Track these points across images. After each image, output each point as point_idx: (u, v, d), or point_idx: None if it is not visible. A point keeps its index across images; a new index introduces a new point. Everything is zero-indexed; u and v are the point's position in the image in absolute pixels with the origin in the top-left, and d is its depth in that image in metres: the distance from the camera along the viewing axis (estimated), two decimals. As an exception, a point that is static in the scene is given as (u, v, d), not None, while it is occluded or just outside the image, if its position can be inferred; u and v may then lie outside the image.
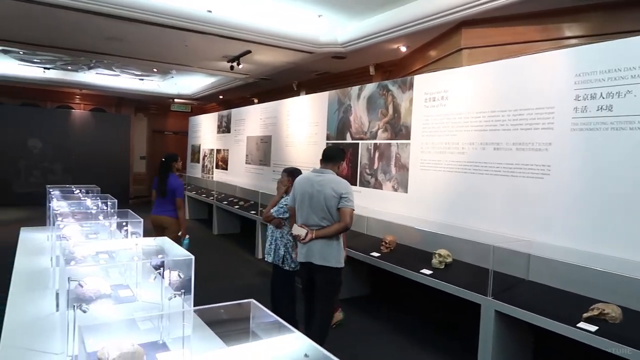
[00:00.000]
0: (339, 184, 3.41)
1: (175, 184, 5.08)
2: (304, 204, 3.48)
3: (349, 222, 3.36)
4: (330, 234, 3.40)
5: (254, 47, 7.21)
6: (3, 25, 6.57)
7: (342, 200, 3.35)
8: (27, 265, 3.04)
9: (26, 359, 1.74)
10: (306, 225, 3.46)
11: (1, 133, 12.04)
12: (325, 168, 3.54)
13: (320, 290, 3.50)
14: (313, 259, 3.43)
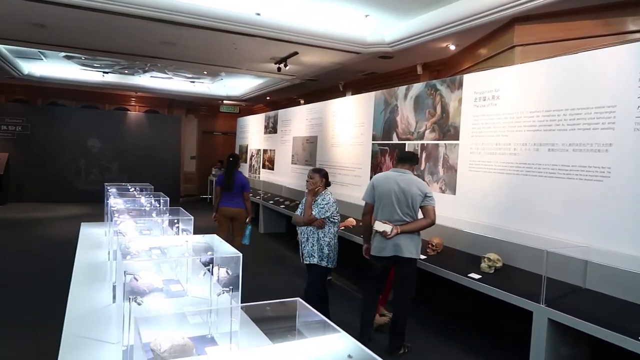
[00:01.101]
0: (422, 184, 3.83)
1: (243, 180, 5.97)
2: (388, 200, 3.77)
3: (434, 218, 3.75)
4: (416, 229, 3.77)
5: (301, 48, 7.28)
6: (67, 33, 6.98)
7: (427, 199, 3.74)
8: (87, 259, 3.22)
9: (86, 346, 1.84)
10: (389, 221, 3.73)
11: (64, 133, 12.83)
12: (402, 168, 3.88)
13: (406, 279, 3.87)
14: (400, 252, 3.74)
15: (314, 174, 4.14)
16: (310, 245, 4.04)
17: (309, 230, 4.07)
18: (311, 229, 4.05)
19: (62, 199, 12.27)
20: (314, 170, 4.20)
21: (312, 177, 4.12)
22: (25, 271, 6.01)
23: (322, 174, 4.18)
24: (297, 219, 4.21)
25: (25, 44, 8.15)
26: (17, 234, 8.35)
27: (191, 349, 1.55)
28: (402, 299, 3.91)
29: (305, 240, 4.08)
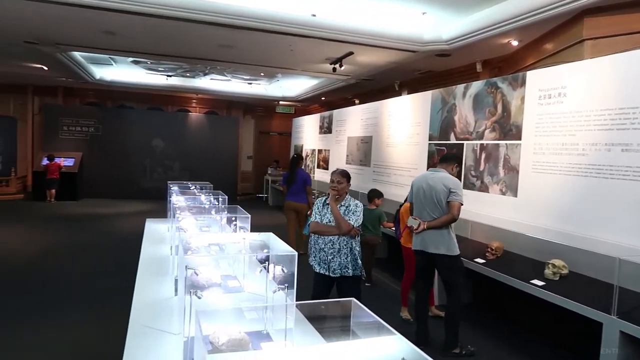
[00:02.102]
0: (448, 179, 3.81)
1: (305, 175, 6.89)
2: (418, 198, 3.94)
3: (456, 214, 3.74)
4: (439, 225, 3.78)
5: (356, 48, 7.26)
6: (134, 39, 7.39)
7: (451, 195, 3.74)
8: (151, 253, 3.39)
9: (150, 336, 1.94)
10: (419, 217, 3.88)
11: (131, 134, 13.60)
12: (440, 168, 3.95)
13: (442, 277, 3.97)
14: (426, 248, 3.85)
15: (342, 178, 3.65)
16: (344, 257, 3.59)
17: (342, 240, 3.58)
18: (345, 239, 3.58)
19: (129, 196, 13.01)
20: (342, 174, 3.68)
21: (339, 181, 3.62)
22: (96, 262, 6.44)
23: (348, 177, 3.74)
24: (327, 229, 3.58)
25: (97, 51, 8.72)
26: (88, 228, 8.95)
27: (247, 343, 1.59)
28: (448, 298, 3.91)
29: (336, 251, 3.57)
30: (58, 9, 5.76)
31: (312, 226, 3.69)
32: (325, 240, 3.58)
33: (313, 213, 3.72)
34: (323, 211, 3.67)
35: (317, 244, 3.63)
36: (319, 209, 3.70)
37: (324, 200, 3.71)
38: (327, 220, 3.60)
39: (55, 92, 13.74)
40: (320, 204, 3.72)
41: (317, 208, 3.71)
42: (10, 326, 4.10)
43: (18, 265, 6.10)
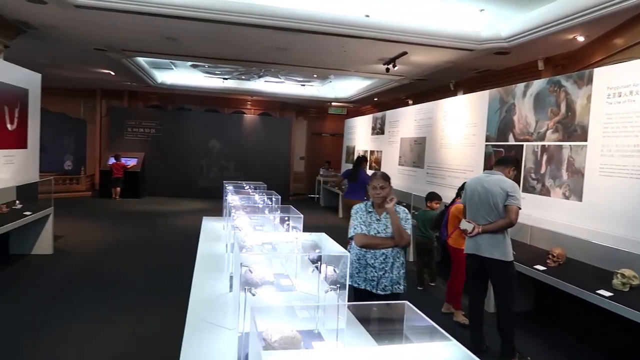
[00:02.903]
0: (506, 182, 3.65)
1: (364, 175, 7.13)
2: (472, 200, 3.80)
3: (514, 218, 3.57)
4: (495, 229, 3.63)
5: (410, 48, 7.15)
6: (194, 44, 7.70)
7: (509, 198, 3.58)
8: (207, 249, 3.51)
9: (206, 330, 2.01)
10: (473, 220, 3.75)
11: (189, 135, 14.15)
12: (496, 170, 3.81)
13: (494, 283, 3.81)
14: (480, 252, 3.70)
15: (385, 182, 3.19)
16: (397, 271, 3.15)
17: (395, 253, 3.14)
18: (398, 250, 3.16)
19: (187, 195, 13.55)
20: (383, 177, 3.22)
21: (383, 185, 3.16)
22: (157, 257, 6.76)
23: (390, 180, 3.31)
24: (381, 241, 3.11)
25: (159, 56, 9.16)
26: (150, 224, 9.41)
27: (299, 341, 1.61)
28: (499, 306, 3.78)
29: (389, 266, 3.12)
30: (125, 18, 6.10)
31: (359, 240, 3.12)
32: (376, 255, 3.11)
33: (354, 223, 3.18)
34: (368, 220, 3.18)
35: (363, 260, 3.12)
36: (361, 218, 3.18)
37: (367, 207, 3.23)
38: (375, 231, 3.13)
39: (121, 96, 14.58)
40: (362, 211, 3.21)
41: (360, 217, 3.18)
42: (79, 314, 4.39)
43: (88, 258, 6.52)
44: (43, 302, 4.71)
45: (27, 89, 6.86)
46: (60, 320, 4.22)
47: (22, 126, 6.72)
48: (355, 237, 3.15)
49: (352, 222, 3.22)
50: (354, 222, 3.20)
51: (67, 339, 3.86)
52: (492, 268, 3.69)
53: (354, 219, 3.21)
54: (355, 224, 3.19)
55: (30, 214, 5.95)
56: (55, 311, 4.45)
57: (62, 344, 3.76)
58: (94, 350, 3.67)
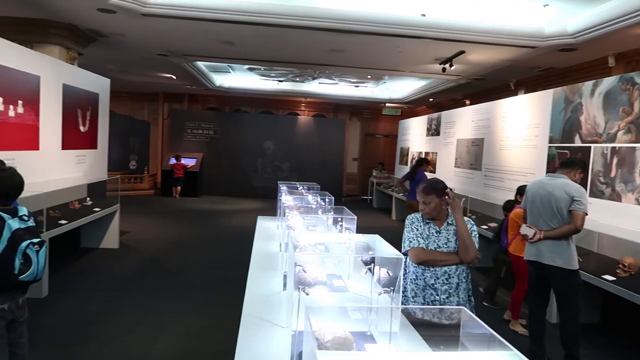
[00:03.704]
0: (571, 186, 3.46)
1: (422, 176, 7.21)
2: (534, 204, 3.63)
3: (580, 224, 3.38)
4: (559, 236, 3.46)
5: (468, 46, 6.95)
6: (250, 48, 7.89)
7: (574, 203, 3.40)
8: (262, 248, 3.58)
9: (260, 327, 2.05)
10: (535, 225, 3.58)
11: (245, 137, 14.53)
12: (560, 173, 3.63)
13: (556, 292, 3.62)
14: (541, 259, 3.54)
15: (428, 195, 2.66)
16: (463, 294, 2.66)
17: (460, 271, 2.65)
18: (464, 268, 2.66)
19: (242, 194, 13.92)
20: (428, 189, 2.67)
21: (425, 201, 2.67)
22: (214, 254, 7.00)
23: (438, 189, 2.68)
24: (444, 257, 2.61)
25: (218, 60, 9.47)
26: (208, 222, 9.75)
27: (351, 343, 1.61)
28: (563, 317, 3.57)
29: (454, 288, 2.62)
30: (187, 24, 6.37)
31: (416, 255, 2.60)
32: (438, 274, 2.60)
33: (409, 236, 2.67)
34: (427, 232, 2.67)
35: (421, 279, 2.62)
36: (418, 230, 2.67)
37: (424, 217, 2.72)
38: (435, 245, 2.63)
39: (181, 99, 15.23)
40: (418, 222, 2.71)
41: (416, 228, 2.68)
42: (143, 306, 4.63)
43: (150, 253, 6.86)
44: (110, 293, 5.01)
45: (98, 93, 7.34)
46: (126, 312, 4.48)
47: (93, 128, 7.19)
48: (411, 252, 2.63)
49: (407, 235, 2.69)
50: (409, 234, 2.68)
51: (133, 329, 4.09)
52: (555, 276, 3.52)
53: (408, 230, 2.70)
54: (410, 236, 2.67)
55: (99, 210, 6.35)
56: (121, 303, 4.72)
57: (128, 335, 3.98)
58: (158, 342, 3.85)
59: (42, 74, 5.60)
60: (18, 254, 2.44)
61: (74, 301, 4.70)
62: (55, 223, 5.17)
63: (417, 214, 2.78)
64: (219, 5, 5.91)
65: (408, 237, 2.68)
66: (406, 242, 2.68)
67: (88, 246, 6.86)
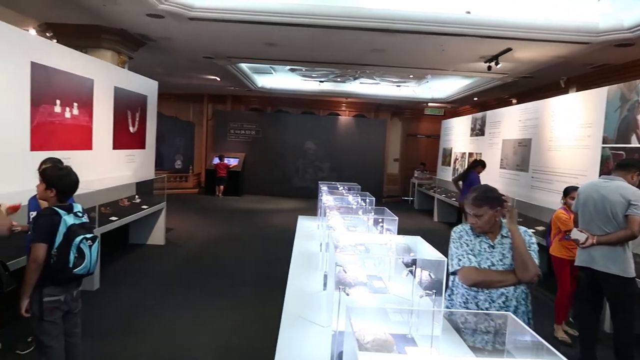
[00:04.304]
0: (628, 190, 3.30)
1: (472, 177, 7.43)
2: (586, 208, 3.49)
3: (637, 230, 3.21)
4: (614, 241, 3.30)
5: (515, 43, 6.72)
6: (292, 49, 7.97)
7: (632, 207, 3.24)
8: (302, 247, 3.61)
9: (300, 325, 2.06)
10: (587, 230, 3.44)
11: (286, 137, 14.69)
12: (616, 176, 3.47)
13: (609, 300, 3.48)
14: (594, 265, 3.39)
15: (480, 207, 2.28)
16: (523, 315, 2.31)
17: (519, 293, 2.28)
18: (523, 289, 2.30)
19: (283, 194, 14.08)
20: (478, 199, 2.30)
21: (477, 214, 2.29)
22: (255, 252, 7.11)
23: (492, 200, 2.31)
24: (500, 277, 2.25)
25: (261, 61, 9.62)
26: (249, 221, 9.92)
27: (392, 345, 1.59)
28: (617, 327, 3.41)
29: (512, 311, 2.25)
30: (231, 27, 6.52)
31: (469, 276, 2.25)
32: (494, 296, 2.25)
33: (457, 252, 2.32)
34: (478, 247, 2.32)
35: (473, 303, 2.29)
36: (468, 245, 2.33)
37: (473, 229, 2.35)
38: (488, 262, 2.27)
39: (225, 100, 15.58)
40: (468, 235, 2.36)
41: (465, 243, 2.33)
42: (188, 300, 4.78)
43: (195, 249, 7.07)
44: (156, 288, 5.19)
45: (146, 95, 7.63)
46: (172, 306, 4.63)
47: (141, 129, 7.48)
48: (462, 271, 2.27)
49: (455, 251, 2.34)
50: (457, 250, 2.33)
51: (177, 323, 4.22)
52: (608, 284, 3.34)
53: (457, 245, 2.35)
54: (459, 253, 2.31)
55: (146, 207, 6.60)
56: (166, 297, 4.89)
57: (173, 328, 4.11)
58: (200, 336, 3.96)
59: (96, 77, 5.88)
60: (72, 249, 2.57)
61: (123, 294, 4.91)
62: (107, 219, 5.41)
63: (465, 225, 2.42)
64: (264, 8, 6.01)
65: (456, 253, 2.32)
66: (454, 259, 2.32)
67: (136, 242, 7.14)
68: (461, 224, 2.47)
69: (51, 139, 4.93)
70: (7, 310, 2.60)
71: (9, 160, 4.22)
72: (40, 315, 2.62)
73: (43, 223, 2.58)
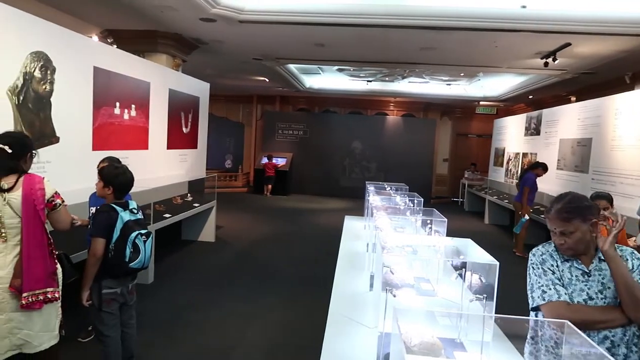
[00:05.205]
0: None
1: (526, 177, 7.30)
2: None
3: None
4: None
5: (575, 38, 6.38)
6: (341, 49, 7.97)
7: None
8: (348, 247, 3.60)
9: (347, 325, 2.06)
10: None
11: (333, 137, 14.72)
12: None
13: None
14: None
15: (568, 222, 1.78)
16: None
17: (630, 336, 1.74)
18: (634, 331, 1.74)
19: (330, 193, 14.12)
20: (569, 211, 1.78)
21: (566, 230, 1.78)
22: (302, 251, 7.18)
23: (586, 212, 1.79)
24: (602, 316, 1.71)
25: (309, 62, 9.70)
26: (296, 220, 10.02)
27: (440, 349, 1.56)
28: None
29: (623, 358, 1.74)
30: (281, 29, 6.62)
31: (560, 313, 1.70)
32: (594, 341, 1.70)
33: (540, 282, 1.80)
34: (568, 275, 1.81)
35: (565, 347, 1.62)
36: (554, 272, 1.81)
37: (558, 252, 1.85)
38: (584, 295, 1.76)
39: (273, 101, 15.83)
40: (553, 259, 1.85)
41: (550, 270, 1.82)
42: (237, 297, 4.89)
43: (244, 247, 7.23)
44: (207, 283, 5.35)
45: (199, 97, 7.88)
46: (220, 301, 4.76)
47: (194, 129, 7.74)
48: (548, 308, 1.75)
49: (537, 280, 1.83)
50: (539, 279, 1.81)
51: (225, 318, 4.33)
52: None
53: (538, 273, 1.83)
54: (542, 282, 1.80)
55: (198, 205, 6.82)
56: (216, 293, 5.03)
57: (221, 323, 4.23)
58: (248, 332, 4.05)
59: (152, 80, 6.15)
60: (128, 244, 2.70)
61: (175, 289, 5.09)
62: (160, 216, 5.64)
63: (549, 246, 1.90)
64: (313, 9, 6.04)
65: (539, 284, 1.80)
66: (536, 291, 1.81)
67: (188, 239, 7.39)
68: (542, 245, 1.93)
69: (111, 139, 5.20)
70: (69, 301, 2.76)
71: (74, 159, 4.49)
72: (99, 306, 2.78)
73: (101, 219, 2.73)
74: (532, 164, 7.79)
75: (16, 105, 3.71)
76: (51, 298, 2.42)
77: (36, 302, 2.35)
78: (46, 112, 4.10)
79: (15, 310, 2.33)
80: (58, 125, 4.24)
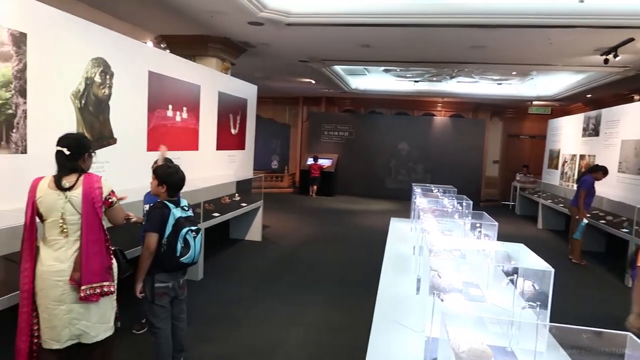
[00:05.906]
0: None
1: (582, 179, 7.06)
2: None
3: None
4: None
5: (639, 33, 6.00)
6: (387, 49, 7.90)
7: None
8: (394, 250, 3.56)
9: (392, 328, 2.04)
10: None
11: (379, 138, 14.60)
12: None
13: None
14: None
15: None
16: None
17: None
18: None
19: (375, 195, 14.02)
20: None
21: None
22: (347, 252, 7.17)
23: None
24: None
25: (355, 63, 9.69)
26: (342, 221, 10.02)
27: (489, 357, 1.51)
28: None
29: None
30: (327, 31, 6.66)
31: None
32: None
33: None
34: None
35: None
36: None
37: None
38: None
39: (319, 102, 15.92)
40: None
41: None
42: (283, 295, 4.95)
43: (289, 247, 7.31)
44: (254, 281, 5.45)
45: (246, 99, 8.05)
46: (266, 299, 4.83)
47: (242, 130, 7.92)
48: None
49: None
50: None
51: (271, 316, 4.39)
52: None
53: None
54: None
55: (245, 205, 6.96)
56: (262, 291, 5.11)
57: (267, 321, 4.29)
58: (293, 331, 4.09)
59: (203, 83, 6.34)
60: (179, 239, 2.81)
61: (223, 286, 5.22)
62: (210, 215, 5.80)
63: None
64: (359, 10, 6.03)
65: None
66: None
67: (236, 237, 7.56)
68: None
69: (164, 140, 5.40)
70: (124, 295, 2.90)
71: (130, 159, 4.71)
72: (152, 299, 2.90)
73: (155, 215, 2.85)
74: (591, 167, 7.42)
75: (79, 108, 3.94)
76: (107, 291, 2.55)
77: (93, 294, 2.48)
78: (105, 115, 4.33)
79: (74, 302, 2.46)
80: (115, 127, 4.47)
